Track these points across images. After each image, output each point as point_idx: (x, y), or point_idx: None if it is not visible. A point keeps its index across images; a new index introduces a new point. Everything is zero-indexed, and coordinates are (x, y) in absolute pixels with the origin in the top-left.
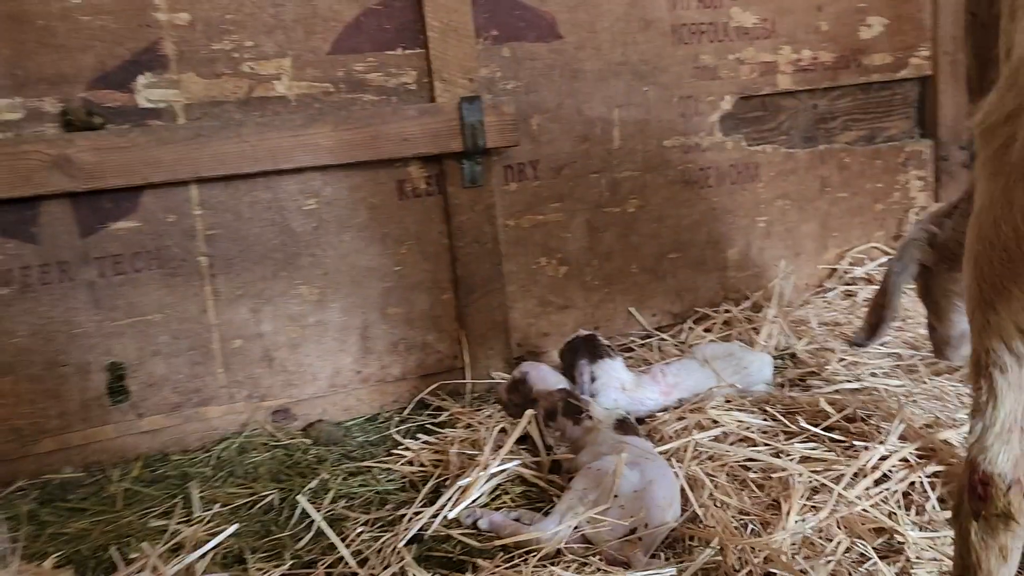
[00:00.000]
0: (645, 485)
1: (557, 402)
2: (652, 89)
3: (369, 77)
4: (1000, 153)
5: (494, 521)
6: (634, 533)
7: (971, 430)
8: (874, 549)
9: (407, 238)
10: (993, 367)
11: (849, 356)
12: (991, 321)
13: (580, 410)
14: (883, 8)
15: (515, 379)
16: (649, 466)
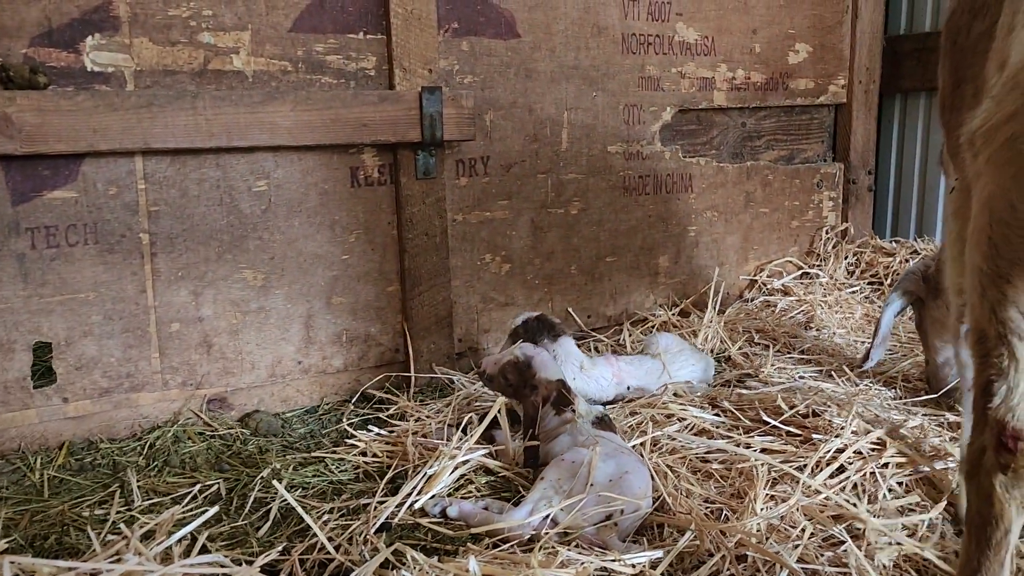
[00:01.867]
0: (621, 475)
1: (554, 391)
2: (600, 95)
3: (329, 59)
4: (1006, 147)
5: (463, 510)
6: (610, 519)
7: (994, 394)
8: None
9: (356, 227)
10: (1012, 335)
11: (779, 362)
12: (1008, 294)
13: (569, 402)
14: (809, 36)
15: (518, 360)
16: (624, 458)
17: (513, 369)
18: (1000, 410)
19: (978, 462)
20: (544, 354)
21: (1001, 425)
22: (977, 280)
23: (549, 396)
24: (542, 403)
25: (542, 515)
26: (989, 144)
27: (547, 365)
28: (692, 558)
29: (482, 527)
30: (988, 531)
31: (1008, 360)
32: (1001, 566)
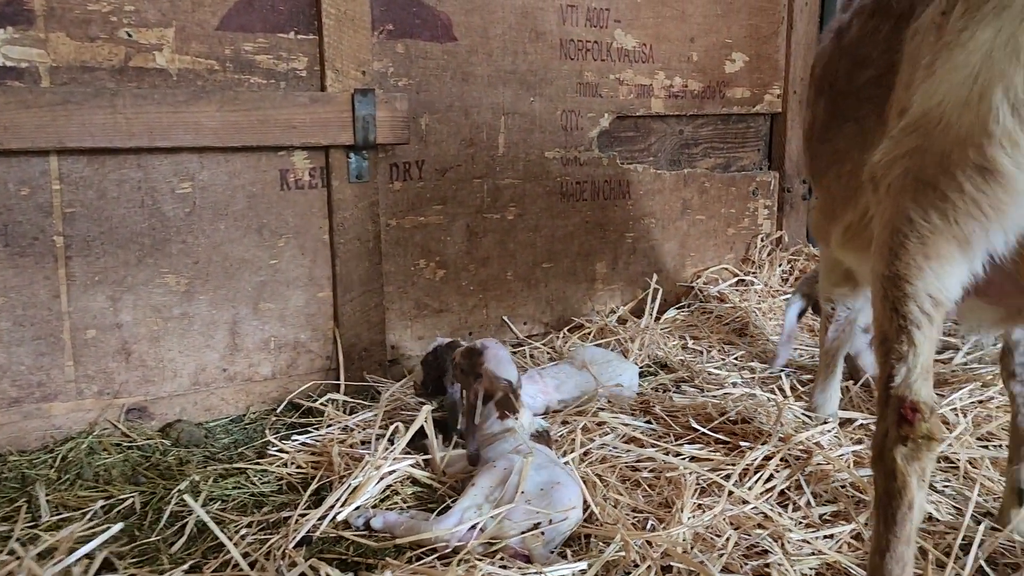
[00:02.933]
0: (552, 485)
1: (499, 390)
2: (538, 100)
3: (258, 59)
4: (902, 176)
5: (388, 520)
6: (538, 528)
7: (896, 375)
8: (761, 542)
9: (286, 231)
10: (911, 325)
11: (713, 368)
12: (907, 292)
13: (515, 408)
14: (745, 46)
15: (473, 348)
16: (556, 470)
17: (467, 354)
18: (900, 388)
19: (882, 443)
20: (501, 351)
21: (901, 400)
22: (880, 285)
23: (493, 393)
24: (484, 398)
25: (470, 523)
26: (888, 175)
27: (499, 361)
28: (618, 569)
29: (408, 537)
30: (893, 506)
31: (907, 346)
32: (907, 542)
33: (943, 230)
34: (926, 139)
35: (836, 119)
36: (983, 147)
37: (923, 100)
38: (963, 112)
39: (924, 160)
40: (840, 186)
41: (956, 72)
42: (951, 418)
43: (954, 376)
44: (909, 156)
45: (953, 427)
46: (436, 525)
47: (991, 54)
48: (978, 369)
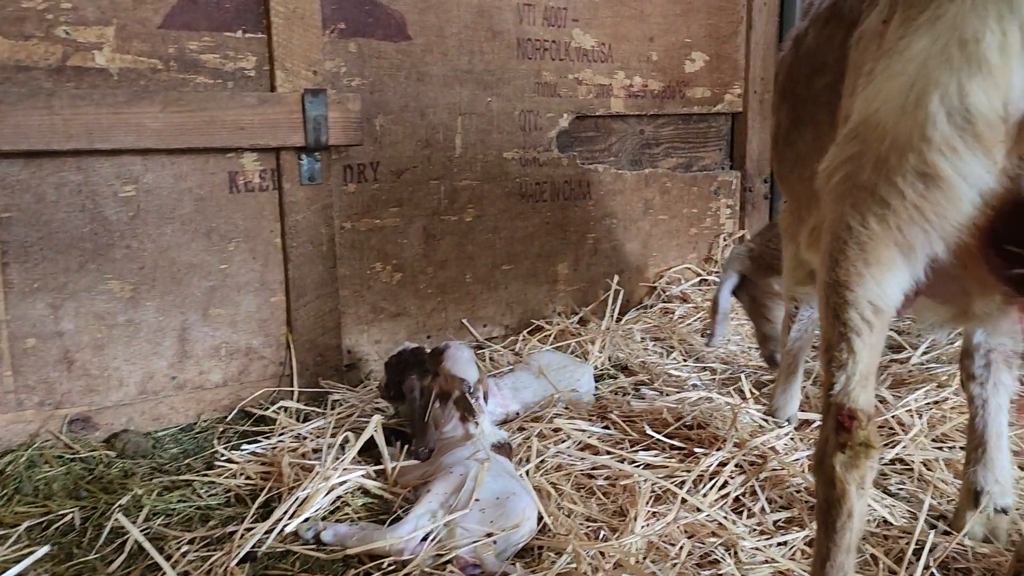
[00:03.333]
0: (508, 495)
1: (455, 389)
2: (496, 100)
3: (204, 58)
4: (843, 182)
5: (339, 532)
6: (491, 537)
7: (836, 383)
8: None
9: (236, 234)
10: (851, 332)
11: (673, 370)
12: (848, 298)
13: (473, 410)
14: (705, 45)
15: (436, 348)
16: (512, 482)
17: (431, 355)
18: (839, 396)
19: (823, 451)
20: (463, 352)
21: (839, 408)
22: (823, 292)
23: (450, 392)
24: (441, 396)
25: (425, 531)
26: (830, 180)
27: (456, 360)
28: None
29: (360, 548)
30: (833, 515)
31: (847, 354)
32: (847, 551)
33: (883, 236)
34: (864, 145)
35: (797, 124)
36: (924, 153)
37: (862, 107)
38: (900, 119)
39: (862, 166)
40: (804, 189)
41: (893, 79)
42: (906, 419)
43: (911, 376)
44: (848, 162)
45: (908, 428)
46: (390, 533)
47: (926, 62)
48: (934, 369)
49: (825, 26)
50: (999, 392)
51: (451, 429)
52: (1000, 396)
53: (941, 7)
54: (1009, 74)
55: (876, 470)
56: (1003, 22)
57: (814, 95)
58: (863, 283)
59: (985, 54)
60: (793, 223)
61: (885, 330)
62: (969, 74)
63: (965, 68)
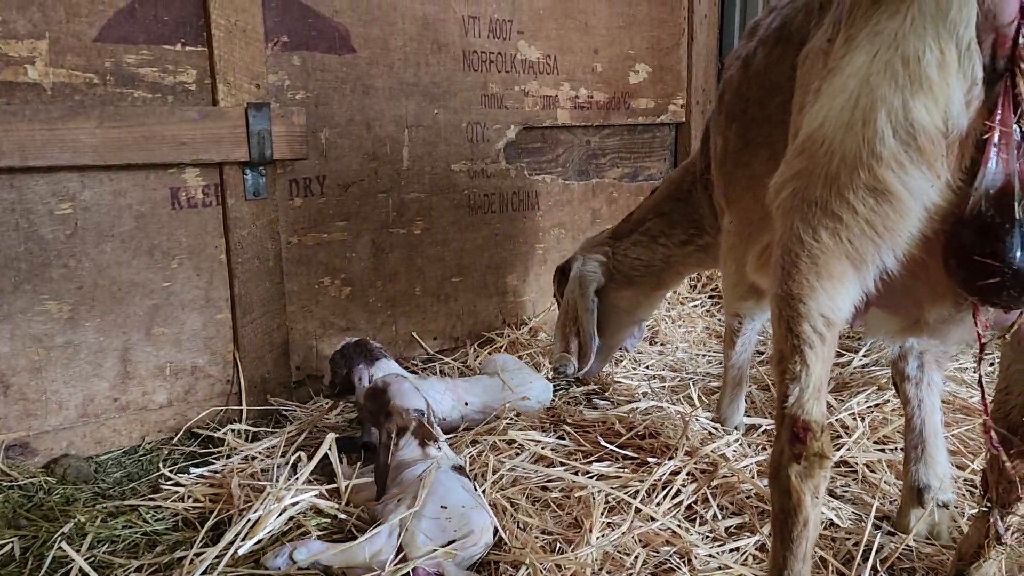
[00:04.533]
0: (469, 508)
1: (411, 422)
2: (442, 112)
3: (142, 72)
4: (791, 197)
5: (313, 549)
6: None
7: (790, 395)
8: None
9: (179, 251)
10: (804, 345)
11: (624, 378)
12: (800, 311)
13: (433, 437)
14: (648, 57)
15: (376, 388)
16: (470, 497)
17: (371, 395)
18: (793, 408)
19: (778, 461)
20: (403, 383)
21: (793, 420)
22: (776, 305)
23: (407, 426)
24: (398, 432)
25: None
26: (779, 196)
27: (404, 394)
28: None
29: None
30: (789, 524)
31: (800, 366)
32: (804, 559)
33: (835, 249)
34: (811, 161)
35: (751, 144)
36: (875, 169)
37: (808, 123)
38: (847, 135)
39: (811, 182)
40: (757, 209)
41: (837, 96)
42: (849, 422)
43: (852, 379)
44: (797, 178)
45: (851, 431)
46: (368, 545)
47: (869, 78)
48: (875, 372)
49: (775, 47)
50: (932, 391)
51: (409, 452)
52: (933, 395)
53: (879, 24)
54: (948, 91)
55: (828, 479)
56: (941, 40)
57: (768, 115)
58: (815, 296)
59: (926, 71)
60: (738, 243)
61: (835, 342)
62: (912, 91)
63: (908, 85)
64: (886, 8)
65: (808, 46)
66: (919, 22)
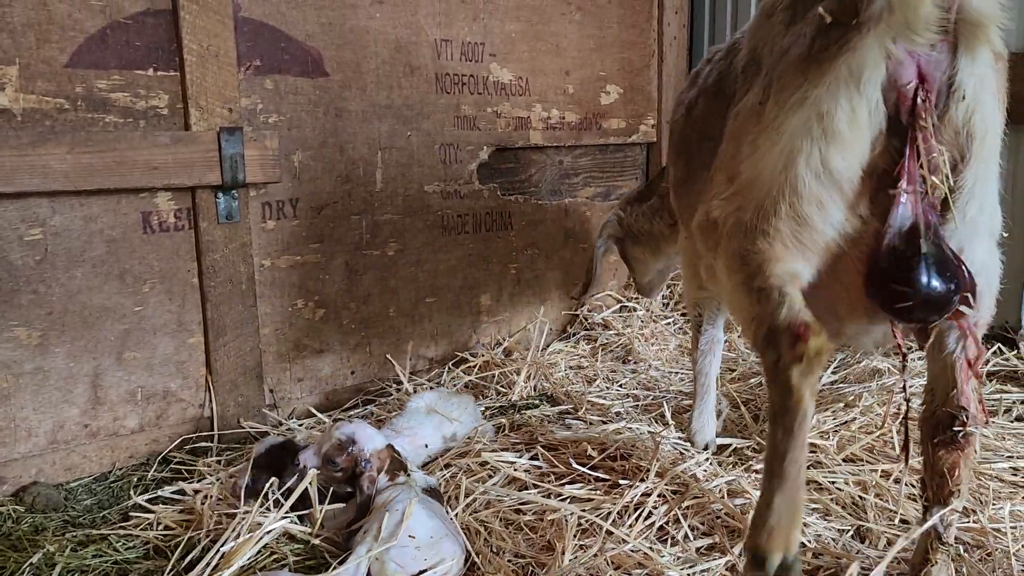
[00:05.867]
0: (439, 538)
1: (387, 459)
2: (415, 134)
3: (114, 97)
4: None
5: None
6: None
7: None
8: None
9: (151, 276)
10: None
11: (598, 398)
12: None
13: (403, 465)
14: (619, 79)
15: (341, 441)
16: (442, 525)
17: (339, 452)
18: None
19: (775, 368)
20: (366, 427)
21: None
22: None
23: (383, 465)
24: (378, 474)
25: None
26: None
27: (371, 435)
28: None
29: None
30: (790, 418)
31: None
32: (803, 446)
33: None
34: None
35: (692, 177)
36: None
37: (749, 168)
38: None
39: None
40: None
41: (770, 149)
42: (818, 441)
43: (820, 398)
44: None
45: (822, 449)
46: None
47: (794, 135)
48: (844, 389)
49: (713, 100)
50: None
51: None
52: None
53: (806, 91)
54: (858, 142)
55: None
56: (852, 101)
57: (703, 156)
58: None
59: (837, 127)
60: (693, 255)
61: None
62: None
63: (823, 138)
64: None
65: (740, 105)
66: (834, 86)
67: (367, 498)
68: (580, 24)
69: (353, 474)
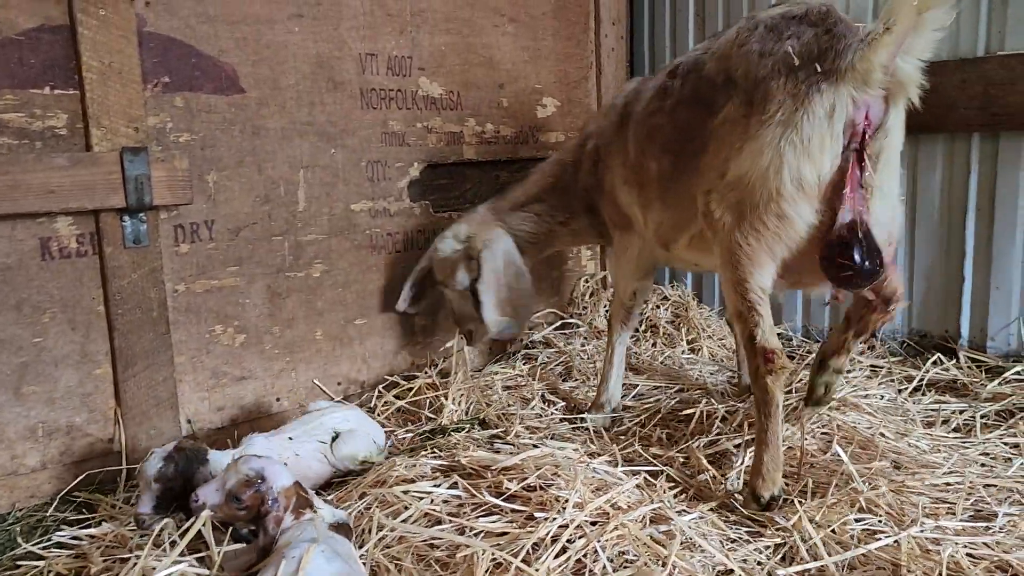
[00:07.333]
0: None
1: (294, 496)
2: (340, 151)
3: (6, 117)
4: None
5: None
6: None
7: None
8: None
9: (51, 305)
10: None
11: (531, 421)
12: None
13: (309, 503)
14: (556, 91)
15: (248, 477)
16: (347, 566)
17: (245, 488)
18: (761, 342)
19: (756, 374)
20: (271, 461)
21: (764, 349)
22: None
23: (289, 504)
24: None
25: None
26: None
27: (281, 472)
28: None
29: None
30: (769, 407)
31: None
32: (779, 424)
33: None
34: (742, 196)
35: (678, 171)
36: (779, 202)
37: (736, 169)
38: (764, 181)
39: (743, 209)
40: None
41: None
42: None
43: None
44: (736, 206)
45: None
46: None
47: (780, 146)
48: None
49: (694, 105)
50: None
51: (286, 523)
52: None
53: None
54: (822, 160)
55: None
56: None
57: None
58: (754, 276)
59: (812, 149)
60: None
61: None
62: (803, 159)
63: (803, 155)
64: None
65: (724, 113)
66: (813, 118)
67: (271, 539)
68: (514, 36)
69: (258, 513)
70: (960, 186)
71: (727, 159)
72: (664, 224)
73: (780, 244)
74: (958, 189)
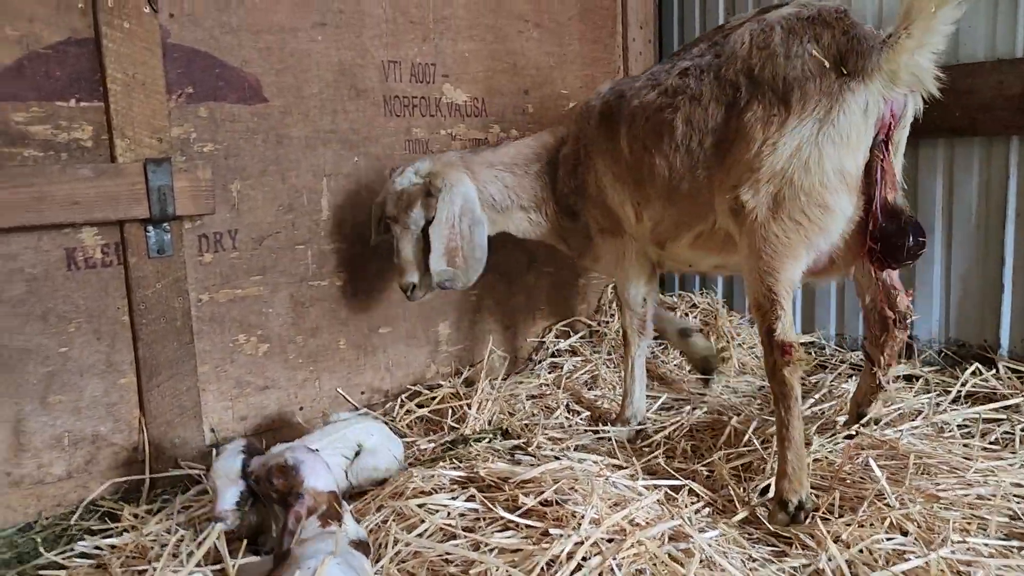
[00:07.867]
0: None
1: (322, 504)
2: (363, 159)
3: (33, 130)
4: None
5: None
6: None
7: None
8: None
9: (77, 315)
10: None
11: (553, 431)
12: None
13: (339, 515)
14: (582, 96)
15: (285, 463)
16: None
17: (280, 473)
18: (780, 336)
19: (773, 367)
20: (317, 461)
21: (782, 343)
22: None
23: (317, 508)
24: (307, 514)
25: None
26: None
27: (319, 473)
28: None
29: None
30: (788, 401)
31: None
32: (799, 417)
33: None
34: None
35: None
36: (823, 194)
37: (772, 164)
38: (806, 174)
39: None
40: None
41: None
42: None
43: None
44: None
45: None
46: None
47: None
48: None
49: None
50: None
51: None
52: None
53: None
54: (860, 152)
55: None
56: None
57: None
58: (786, 270)
59: (854, 142)
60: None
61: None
62: (845, 151)
63: (845, 147)
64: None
65: (750, 112)
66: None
67: (288, 533)
68: (538, 41)
69: (286, 502)
70: (998, 190)
71: (759, 155)
72: (664, 222)
73: (821, 235)
74: (996, 193)
